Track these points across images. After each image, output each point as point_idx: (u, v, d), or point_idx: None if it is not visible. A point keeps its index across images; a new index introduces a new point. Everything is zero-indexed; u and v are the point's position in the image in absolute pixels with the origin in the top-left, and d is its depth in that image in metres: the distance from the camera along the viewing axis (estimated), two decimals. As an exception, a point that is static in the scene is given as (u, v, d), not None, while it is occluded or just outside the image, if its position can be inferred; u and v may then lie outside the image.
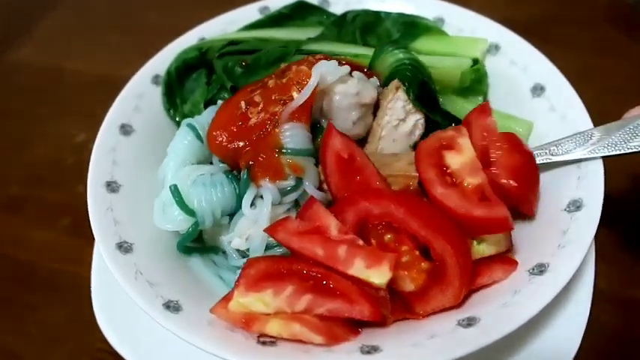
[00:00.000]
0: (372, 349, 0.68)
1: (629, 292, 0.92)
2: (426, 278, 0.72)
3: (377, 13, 1.12)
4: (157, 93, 1.05)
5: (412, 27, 1.08)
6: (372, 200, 0.75)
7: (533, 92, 0.98)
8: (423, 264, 0.72)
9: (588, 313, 0.80)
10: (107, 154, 0.92)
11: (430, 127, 0.92)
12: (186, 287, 0.79)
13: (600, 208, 0.78)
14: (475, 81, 1.01)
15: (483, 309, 0.71)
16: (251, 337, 0.71)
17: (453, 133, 0.83)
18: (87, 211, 0.86)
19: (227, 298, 0.73)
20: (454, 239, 0.72)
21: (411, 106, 0.90)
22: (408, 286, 0.73)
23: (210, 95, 1.04)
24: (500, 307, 0.70)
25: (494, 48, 1.05)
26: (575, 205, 0.79)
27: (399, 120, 0.89)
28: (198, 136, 0.90)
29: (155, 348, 0.81)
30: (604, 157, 0.81)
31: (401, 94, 0.89)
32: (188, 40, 1.12)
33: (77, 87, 1.40)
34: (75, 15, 1.60)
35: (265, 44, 1.08)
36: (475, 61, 1.01)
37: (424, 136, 0.91)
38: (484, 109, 0.85)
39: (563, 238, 0.76)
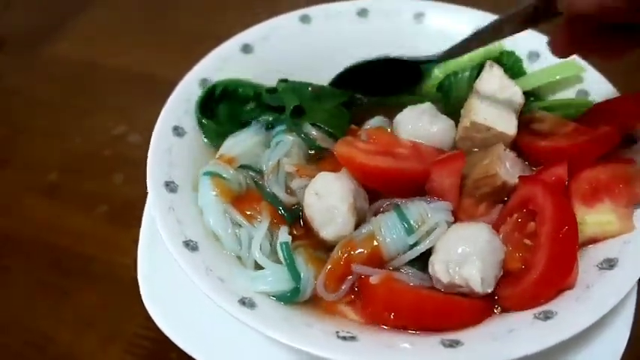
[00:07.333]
0: (454, 343, 0.68)
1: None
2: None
3: None
4: (203, 97, 1.05)
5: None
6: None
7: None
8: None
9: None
10: (163, 154, 0.92)
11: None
12: (256, 285, 0.79)
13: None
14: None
15: (558, 303, 0.72)
16: (330, 333, 0.71)
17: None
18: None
19: None
20: None
21: (506, 77, 0.90)
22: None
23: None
24: (575, 301, 0.72)
25: (534, 55, 1.08)
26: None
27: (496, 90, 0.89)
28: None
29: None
30: None
31: (496, 69, 0.89)
32: (231, 45, 1.12)
33: (112, 82, 1.41)
34: (109, 13, 1.62)
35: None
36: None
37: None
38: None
39: (629, 235, 0.78)
